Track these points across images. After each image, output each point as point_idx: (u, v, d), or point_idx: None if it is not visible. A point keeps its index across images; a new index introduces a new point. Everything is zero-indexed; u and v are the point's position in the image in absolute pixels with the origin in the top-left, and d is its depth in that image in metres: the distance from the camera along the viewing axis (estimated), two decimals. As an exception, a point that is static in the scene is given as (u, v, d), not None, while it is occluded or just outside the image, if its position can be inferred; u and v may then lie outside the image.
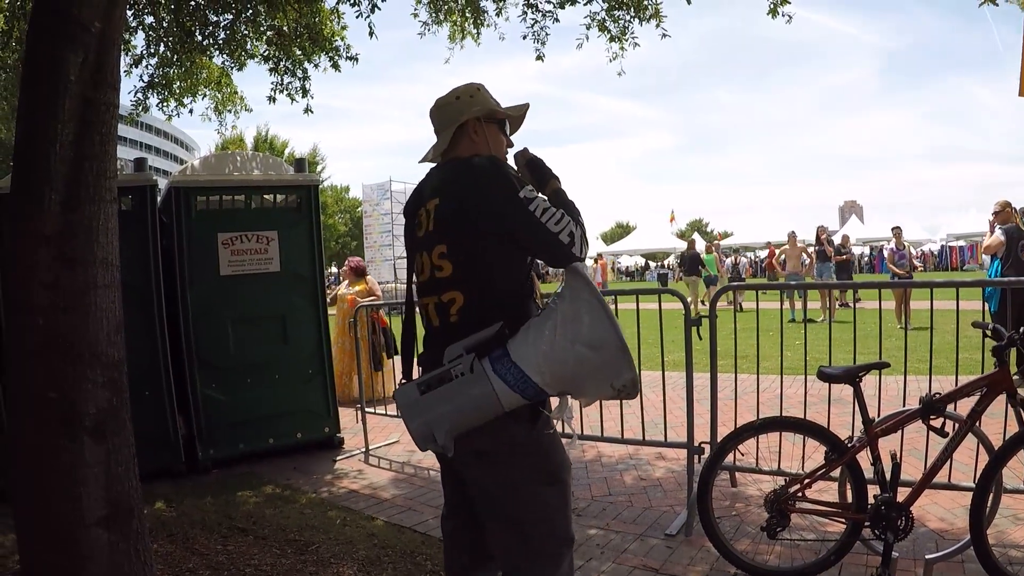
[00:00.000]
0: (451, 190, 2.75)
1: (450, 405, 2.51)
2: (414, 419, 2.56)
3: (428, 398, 2.53)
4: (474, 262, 2.69)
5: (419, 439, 2.57)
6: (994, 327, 3.92)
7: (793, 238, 19.06)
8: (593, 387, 2.59)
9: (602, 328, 2.48)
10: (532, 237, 2.66)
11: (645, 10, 8.50)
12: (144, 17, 8.72)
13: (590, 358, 2.48)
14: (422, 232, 2.83)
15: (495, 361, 2.50)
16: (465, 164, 2.79)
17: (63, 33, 3.38)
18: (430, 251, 2.77)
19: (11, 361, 3.52)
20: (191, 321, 7.26)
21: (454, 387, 2.51)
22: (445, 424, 2.51)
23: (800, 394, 5.52)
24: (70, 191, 3.37)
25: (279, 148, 55.74)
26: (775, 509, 4.12)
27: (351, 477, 6.94)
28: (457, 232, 2.70)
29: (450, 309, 2.72)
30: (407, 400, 2.57)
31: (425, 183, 2.95)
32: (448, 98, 3.00)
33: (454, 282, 2.71)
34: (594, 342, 2.48)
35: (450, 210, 2.72)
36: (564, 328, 2.49)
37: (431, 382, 2.55)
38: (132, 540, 3.50)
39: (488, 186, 2.67)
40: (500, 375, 2.48)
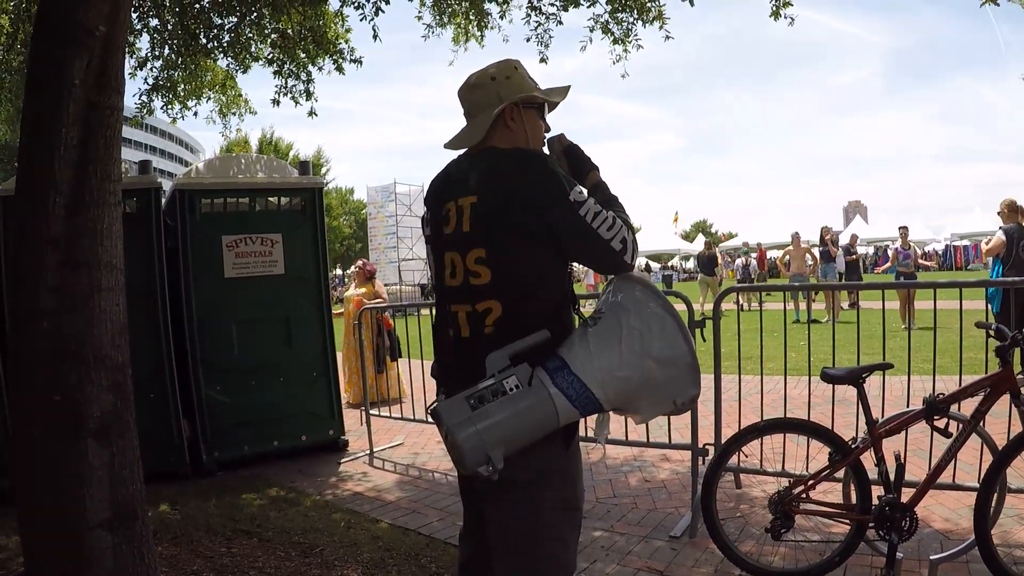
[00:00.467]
0: (492, 188, 2.49)
1: (507, 421, 2.25)
2: (467, 437, 2.22)
3: (482, 413, 2.24)
4: (516, 270, 2.47)
5: (470, 460, 2.23)
6: (997, 327, 3.92)
7: (797, 239, 19.03)
8: (653, 404, 2.46)
9: (675, 343, 2.35)
10: (582, 244, 2.47)
11: (648, 12, 8.50)
12: (149, 20, 8.74)
13: (658, 375, 2.35)
14: (451, 229, 2.57)
15: (553, 373, 2.30)
16: (506, 158, 2.55)
17: (67, 37, 3.39)
18: (464, 253, 2.52)
19: (16, 364, 3.53)
20: (196, 323, 7.28)
21: (511, 401, 2.26)
22: (502, 443, 2.24)
23: (804, 395, 5.51)
24: (74, 194, 3.38)
25: (284, 150, 55.80)
26: (779, 510, 4.12)
27: (355, 480, 6.95)
28: (498, 236, 2.46)
29: (485, 319, 2.48)
30: (458, 417, 2.25)
31: (455, 173, 2.68)
32: (482, 77, 2.70)
33: (492, 291, 2.47)
34: (665, 358, 2.34)
35: (491, 211, 2.47)
36: (634, 342, 2.33)
37: (483, 395, 2.27)
38: (136, 543, 3.50)
39: (536, 187, 2.43)
40: (561, 388, 2.28)
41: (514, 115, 2.65)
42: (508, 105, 2.63)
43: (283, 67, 9.24)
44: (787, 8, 7.66)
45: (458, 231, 2.54)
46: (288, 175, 8.11)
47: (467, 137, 2.69)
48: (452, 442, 2.25)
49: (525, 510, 2.47)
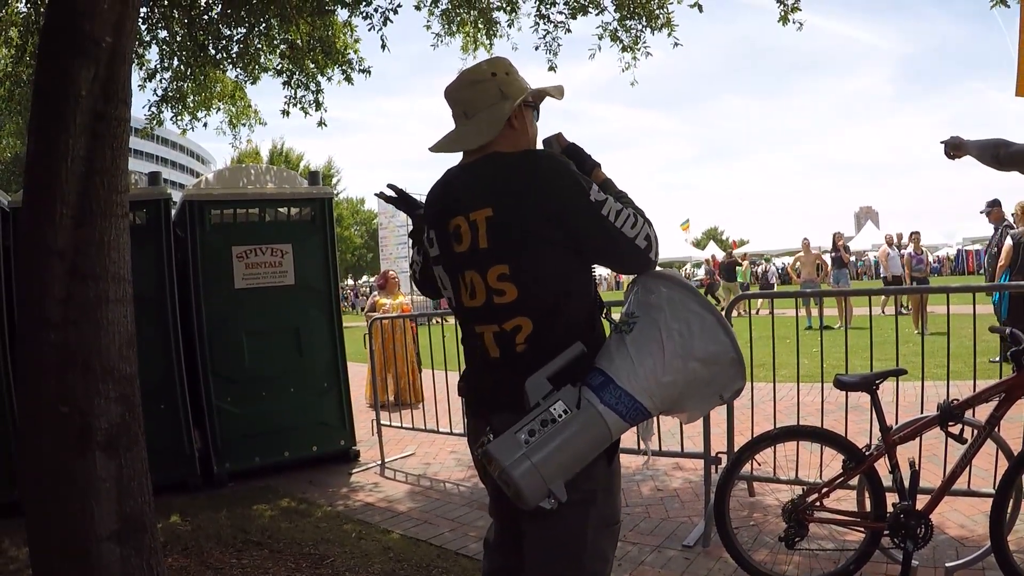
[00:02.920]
0: (508, 198, 2.33)
1: (562, 449, 2.15)
2: (524, 474, 2.11)
3: (535, 448, 2.13)
4: (543, 283, 2.34)
5: (531, 496, 2.14)
6: (1012, 331, 3.87)
7: (807, 245, 18.96)
8: (700, 401, 2.39)
9: (716, 340, 2.28)
10: (607, 245, 2.37)
11: (657, 19, 8.51)
12: (158, 31, 8.79)
13: (703, 374, 2.29)
14: (465, 247, 2.39)
15: (599, 390, 2.21)
16: (519, 164, 2.39)
17: (74, 48, 3.40)
18: (483, 272, 2.36)
19: (23, 375, 3.54)
20: (206, 334, 7.28)
21: (562, 428, 2.16)
22: (561, 474, 2.16)
23: (817, 402, 5.47)
24: (81, 205, 3.39)
25: (294, 161, 56.03)
26: (793, 519, 4.09)
27: (367, 490, 6.93)
28: (522, 250, 2.32)
29: (515, 338, 2.35)
30: (512, 455, 2.13)
31: (457, 185, 2.49)
32: (480, 73, 2.52)
33: (520, 307, 2.33)
34: (708, 356, 2.27)
35: (510, 223, 2.32)
36: (674, 344, 2.25)
37: (533, 428, 2.16)
38: (145, 554, 3.50)
39: (556, 191, 2.30)
40: (609, 405, 2.19)
41: (517, 115, 2.50)
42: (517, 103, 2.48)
43: (292, 78, 9.29)
44: (796, 13, 7.66)
45: (474, 248, 2.37)
46: (298, 185, 8.11)
47: (468, 138, 2.50)
48: (508, 480, 2.14)
49: (570, 530, 2.38)
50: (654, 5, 8.43)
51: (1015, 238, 10.00)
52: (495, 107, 2.46)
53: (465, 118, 2.51)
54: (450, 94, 2.57)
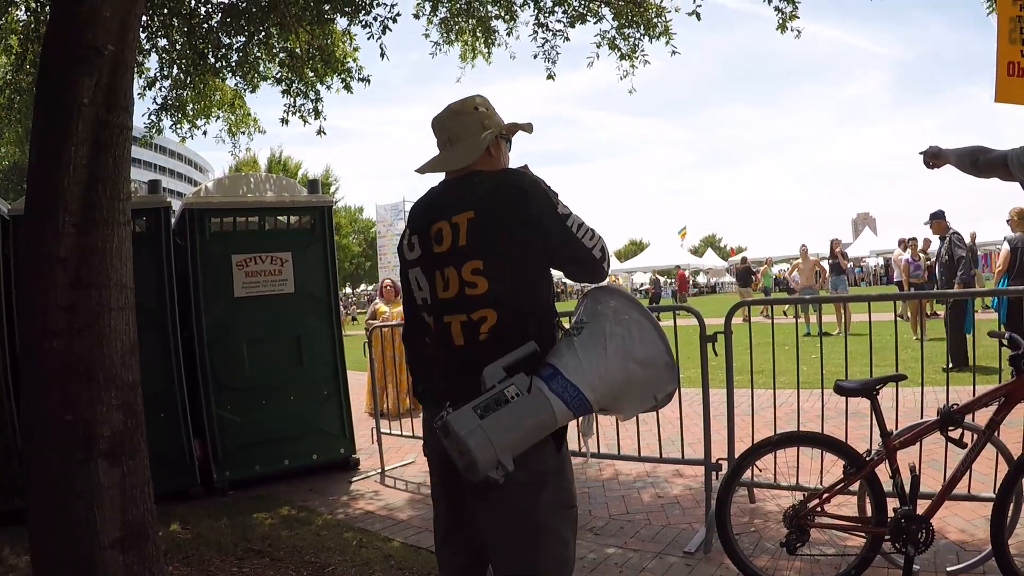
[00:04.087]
0: (490, 203, 2.63)
1: (514, 427, 2.41)
2: (480, 445, 2.35)
3: (489, 421, 2.38)
4: (511, 280, 2.62)
5: (483, 465, 2.37)
6: (1011, 336, 3.89)
7: (805, 252, 18.97)
8: (636, 401, 2.62)
9: (653, 345, 2.55)
10: (569, 253, 2.67)
11: (655, 28, 8.56)
12: (158, 40, 8.81)
13: (640, 375, 2.54)
14: (446, 247, 2.67)
15: (548, 380, 2.47)
16: (502, 178, 2.71)
17: (76, 56, 3.41)
18: (459, 267, 2.63)
19: (26, 384, 3.54)
20: (206, 343, 7.28)
21: (514, 408, 2.41)
22: (511, 448, 2.40)
23: (817, 408, 5.48)
24: (84, 213, 3.40)
25: (293, 169, 56.06)
26: (794, 524, 4.09)
27: (367, 498, 6.93)
28: (496, 247, 2.61)
29: (480, 327, 2.62)
30: (468, 426, 2.37)
31: (444, 195, 2.81)
32: (466, 106, 2.88)
33: (488, 300, 2.61)
34: (645, 359, 2.53)
35: (490, 224, 2.61)
36: (615, 346, 2.52)
37: (488, 404, 2.41)
38: (147, 562, 3.50)
39: (532, 201, 2.61)
40: (557, 393, 2.44)
41: (495, 144, 2.86)
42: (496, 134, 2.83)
43: (291, 86, 9.32)
44: (794, 21, 7.69)
45: (454, 246, 2.65)
46: (297, 194, 8.12)
47: (454, 160, 2.83)
48: (464, 450, 2.37)
49: (522, 509, 2.58)
50: (652, 14, 8.47)
51: (1012, 243, 10.04)
52: (477, 136, 2.82)
53: (450, 144, 2.87)
54: (438, 123, 2.93)
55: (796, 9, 7.63)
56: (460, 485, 2.66)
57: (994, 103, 4.50)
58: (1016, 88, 4.44)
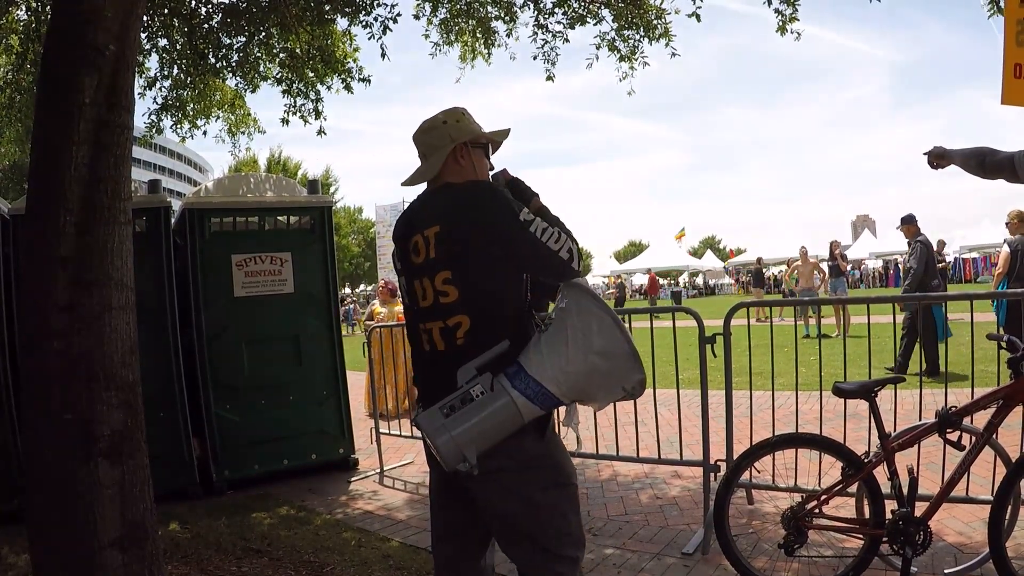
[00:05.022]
0: (452, 217, 2.78)
1: (476, 424, 2.57)
2: (444, 442, 2.57)
3: (454, 420, 2.58)
4: (479, 286, 2.75)
5: (450, 460, 2.58)
6: (1009, 339, 3.89)
7: (805, 254, 18.97)
8: (605, 392, 2.75)
9: (612, 337, 2.65)
10: (535, 257, 2.77)
11: (655, 29, 8.56)
12: (158, 40, 8.81)
13: (601, 366, 2.65)
14: (421, 259, 2.84)
15: (512, 377, 2.61)
16: (462, 190, 2.86)
17: (78, 56, 3.42)
18: (432, 277, 2.80)
19: (27, 383, 3.55)
20: (205, 342, 7.29)
21: (477, 406, 2.58)
22: (473, 443, 2.57)
23: (816, 410, 5.48)
24: (85, 213, 3.40)
25: (292, 169, 55.99)
26: (792, 526, 4.10)
27: (366, 498, 6.93)
28: (462, 258, 2.75)
29: (456, 333, 2.76)
30: (434, 424, 2.59)
31: (417, 209, 2.98)
32: (434, 122, 3.02)
33: (460, 306, 2.75)
34: (605, 351, 2.64)
35: (453, 237, 2.75)
36: (576, 340, 2.63)
37: (453, 404, 2.60)
38: (147, 562, 3.50)
39: (489, 211, 2.74)
40: (520, 390, 2.58)
41: (463, 153, 2.98)
42: (459, 144, 2.96)
43: (292, 86, 9.32)
44: (793, 23, 7.70)
45: (427, 258, 2.81)
46: (297, 194, 8.12)
47: (423, 173, 2.99)
48: (431, 445, 2.62)
49: (515, 496, 2.75)
50: (652, 15, 8.47)
51: (1012, 245, 10.05)
52: (443, 148, 2.96)
53: (424, 158, 3.02)
54: (415, 139, 3.08)
55: (796, 11, 7.64)
56: (460, 482, 2.79)
57: (1000, 105, 4.49)
58: (1023, 90, 4.44)
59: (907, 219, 11.81)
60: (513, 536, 2.84)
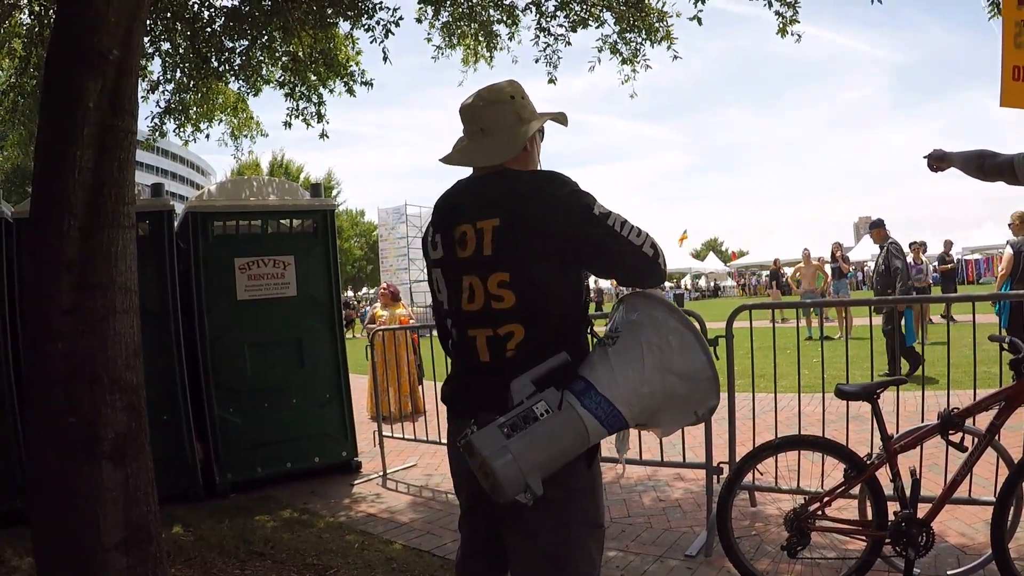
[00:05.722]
0: (517, 210, 2.42)
1: (542, 447, 2.22)
2: (505, 465, 2.17)
3: (516, 441, 2.19)
4: (540, 293, 2.42)
5: (509, 488, 2.18)
6: (1011, 340, 3.90)
7: (807, 256, 18.96)
8: (676, 417, 2.46)
9: (694, 357, 2.38)
10: (615, 255, 2.44)
11: (656, 32, 8.57)
12: (161, 43, 8.84)
13: (679, 388, 2.38)
14: (469, 253, 2.48)
15: (581, 395, 2.28)
16: (531, 180, 2.50)
17: (82, 61, 3.43)
18: (484, 277, 2.45)
19: (31, 386, 3.55)
20: (208, 345, 7.30)
21: (544, 426, 2.22)
22: (539, 469, 2.21)
23: (818, 412, 5.48)
24: (89, 217, 3.41)
25: (294, 173, 56.09)
26: (795, 528, 4.10)
27: (369, 501, 6.94)
28: (525, 260, 2.41)
29: (507, 344, 2.44)
30: (493, 445, 2.19)
31: (466, 194, 2.61)
32: (499, 95, 2.60)
33: (515, 314, 2.42)
34: (685, 372, 2.37)
35: (516, 234, 2.41)
36: (654, 358, 2.35)
37: (515, 423, 2.22)
38: (150, 564, 3.51)
39: (562, 209, 2.40)
40: (590, 410, 2.27)
41: (532, 138, 2.61)
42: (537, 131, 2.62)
43: (294, 90, 9.34)
44: (794, 25, 7.71)
45: (477, 254, 2.46)
46: (300, 197, 8.14)
47: (486, 154, 2.58)
48: (488, 471, 2.19)
49: (555, 528, 2.44)
50: (654, 18, 8.48)
51: (1015, 247, 10.06)
52: (513, 128, 2.56)
53: (482, 135, 2.58)
54: (468, 111, 2.62)
55: (796, 13, 7.64)
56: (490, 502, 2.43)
57: (999, 107, 4.49)
58: (1021, 93, 4.44)
59: (876, 224, 11.98)
60: (532, 569, 2.49)
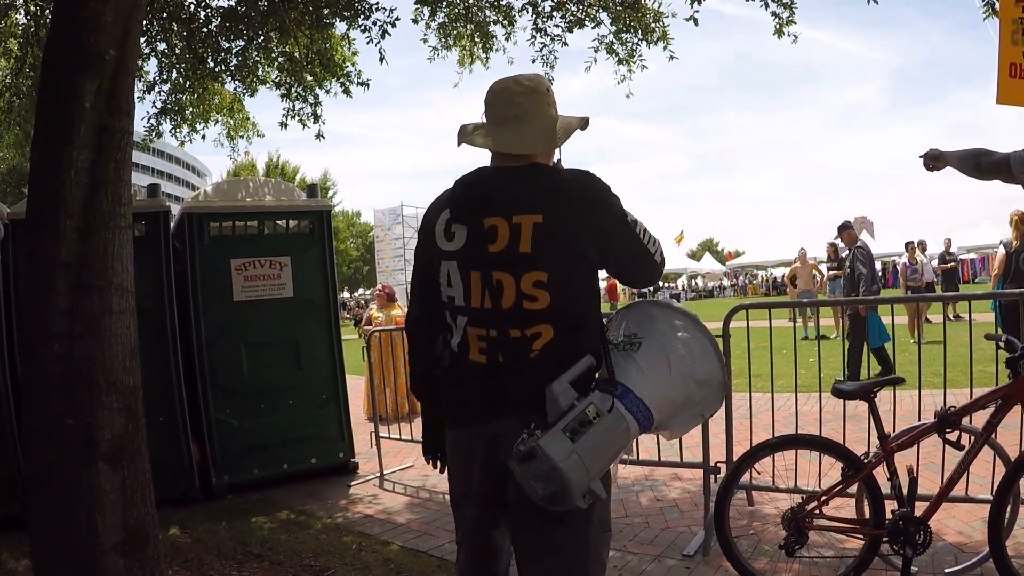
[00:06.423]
0: (560, 211, 2.38)
1: (602, 450, 2.23)
2: (576, 471, 2.16)
3: (581, 445, 2.18)
4: (571, 294, 2.42)
5: (577, 493, 2.18)
6: (1007, 339, 3.91)
7: (803, 256, 18.97)
8: (687, 419, 2.58)
9: (712, 364, 2.51)
10: (635, 259, 2.53)
11: (653, 33, 8.58)
12: (157, 44, 8.83)
13: (696, 394, 2.51)
14: (500, 248, 2.38)
15: (622, 398, 2.32)
16: (574, 179, 2.47)
17: (78, 61, 3.42)
18: (518, 275, 2.37)
19: (28, 388, 3.55)
20: (205, 347, 7.28)
21: (599, 429, 2.22)
22: (600, 472, 2.26)
23: (815, 411, 5.49)
24: (86, 218, 3.40)
25: (290, 174, 56.09)
26: (793, 527, 4.10)
27: (366, 502, 6.93)
28: (565, 259, 2.39)
29: (532, 344, 2.39)
30: (564, 451, 2.15)
31: (500, 185, 2.49)
32: (538, 84, 2.56)
33: (547, 315, 2.38)
34: (703, 378, 2.49)
35: (558, 234, 2.36)
36: (681, 365, 2.45)
37: (575, 427, 2.20)
38: (148, 566, 3.50)
39: (604, 212, 2.43)
40: (631, 411, 2.31)
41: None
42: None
43: (291, 90, 9.34)
44: (790, 26, 7.72)
45: (512, 251, 2.37)
46: (296, 198, 8.13)
47: (525, 142, 2.50)
48: (555, 477, 2.16)
49: (577, 532, 2.43)
50: (650, 19, 8.50)
51: (1007, 247, 10.09)
52: (550, 121, 2.55)
53: (517, 122, 2.49)
54: (505, 95, 2.54)
55: (793, 14, 7.66)
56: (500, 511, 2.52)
57: (996, 104, 4.50)
58: (1018, 90, 4.45)
59: (844, 227, 12.06)
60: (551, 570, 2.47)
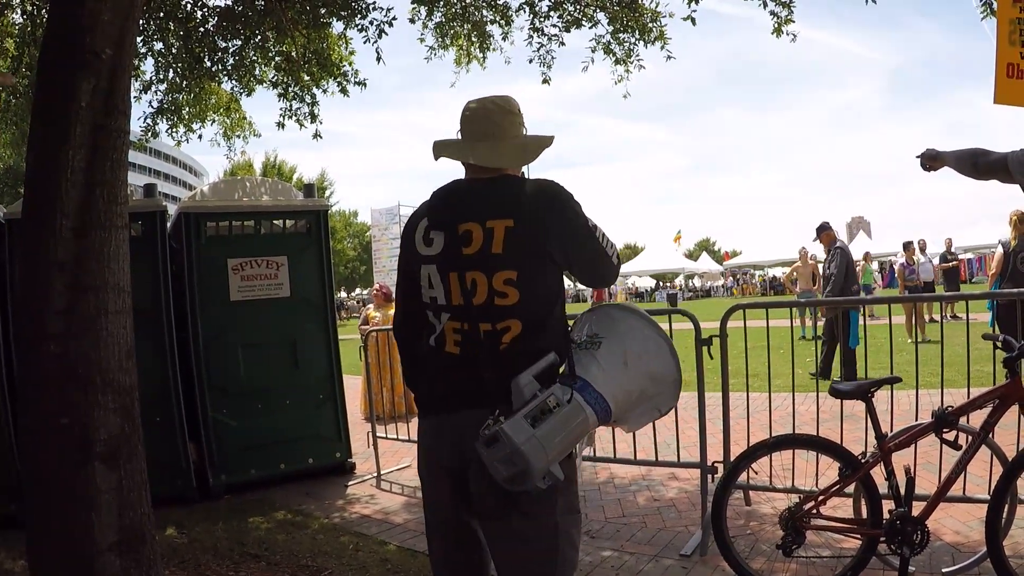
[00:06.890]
0: (532, 213, 2.58)
1: (562, 437, 2.40)
2: (536, 454, 2.32)
3: (542, 431, 2.35)
4: (539, 292, 2.62)
5: (537, 473, 2.34)
6: (1004, 338, 3.91)
7: (804, 255, 18.94)
8: (643, 414, 2.76)
9: (666, 362, 2.70)
10: (594, 261, 2.75)
11: (650, 32, 8.58)
12: (154, 43, 8.81)
13: (650, 389, 2.70)
14: (474, 250, 2.57)
15: (581, 391, 2.50)
16: (541, 187, 2.67)
17: (75, 60, 3.42)
18: (490, 274, 2.56)
19: (24, 387, 3.54)
20: (201, 346, 7.27)
21: (560, 417, 2.40)
22: (558, 456, 2.41)
23: (812, 411, 5.49)
24: (82, 217, 3.40)
25: (287, 173, 55.96)
26: (790, 527, 4.10)
27: (363, 502, 6.93)
28: (532, 259, 2.59)
29: (502, 337, 2.58)
30: (524, 435, 2.32)
31: (474, 194, 2.71)
32: (511, 105, 2.79)
33: (516, 310, 2.57)
34: (658, 375, 2.70)
35: (527, 236, 2.57)
36: (637, 361, 2.65)
37: (535, 415, 2.38)
38: (144, 566, 3.50)
39: (568, 216, 2.63)
40: (590, 403, 2.49)
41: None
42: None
43: (288, 90, 9.32)
44: (789, 25, 7.72)
45: (484, 252, 2.57)
46: (293, 198, 8.13)
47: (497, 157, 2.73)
48: (517, 459, 2.33)
49: (542, 517, 2.57)
50: (647, 19, 8.49)
51: (1005, 246, 10.10)
52: (522, 139, 2.81)
53: (494, 139, 2.73)
54: (481, 114, 2.77)
55: (791, 13, 7.66)
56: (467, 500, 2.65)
57: (993, 104, 4.50)
58: (1016, 90, 4.45)
59: (822, 227, 12.07)
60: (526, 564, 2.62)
